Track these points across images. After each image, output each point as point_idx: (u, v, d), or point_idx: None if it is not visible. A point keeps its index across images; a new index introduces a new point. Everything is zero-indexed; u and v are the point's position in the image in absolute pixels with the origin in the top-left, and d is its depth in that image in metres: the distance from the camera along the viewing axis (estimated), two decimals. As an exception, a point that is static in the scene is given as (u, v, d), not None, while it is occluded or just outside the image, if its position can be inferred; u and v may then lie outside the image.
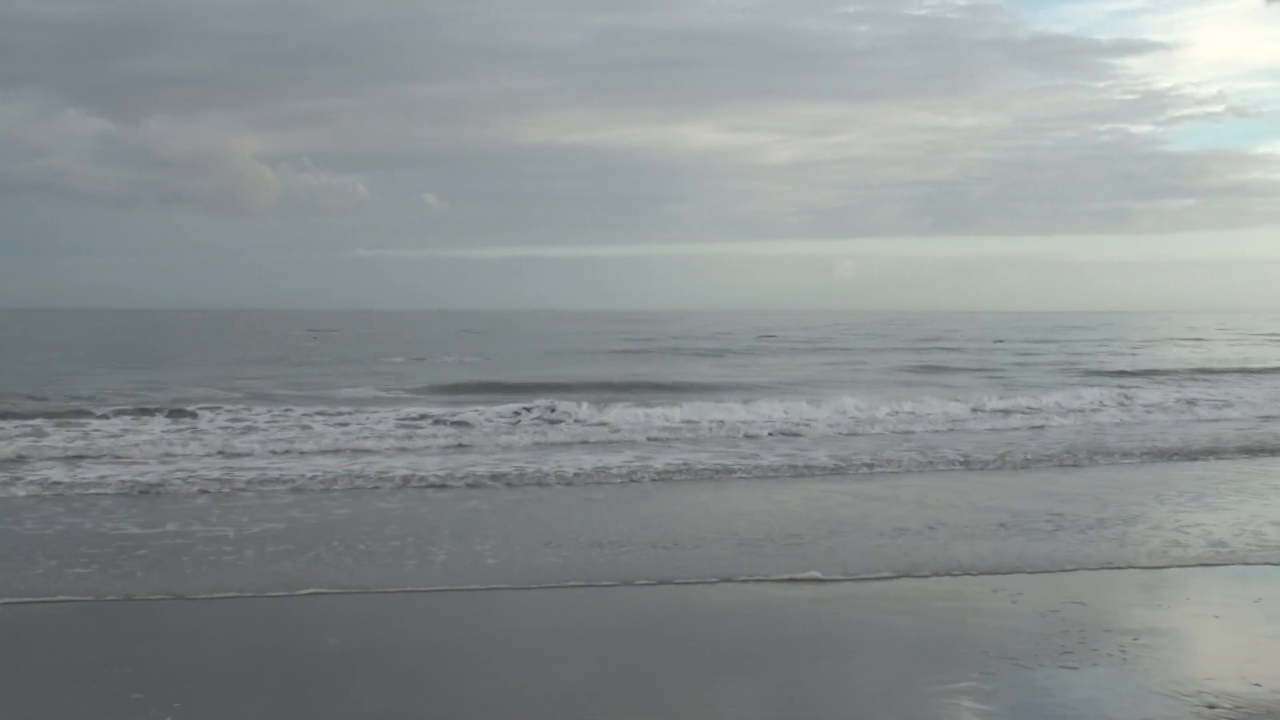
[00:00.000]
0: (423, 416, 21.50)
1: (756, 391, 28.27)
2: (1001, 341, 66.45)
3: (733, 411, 22.27)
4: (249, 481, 14.84)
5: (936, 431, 21.05)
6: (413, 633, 8.32)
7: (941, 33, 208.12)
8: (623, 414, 21.64)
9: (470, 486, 14.80)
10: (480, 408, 22.39)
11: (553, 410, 22.11)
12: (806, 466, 16.72)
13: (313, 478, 15.11)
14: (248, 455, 17.33)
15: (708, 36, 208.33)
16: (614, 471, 15.88)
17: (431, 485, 14.82)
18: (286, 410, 21.94)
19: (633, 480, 15.45)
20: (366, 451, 17.87)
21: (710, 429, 20.75)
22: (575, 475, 15.57)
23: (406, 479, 15.13)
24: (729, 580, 9.73)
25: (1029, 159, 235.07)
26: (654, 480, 15.57)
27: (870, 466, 16.72)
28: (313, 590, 9.36)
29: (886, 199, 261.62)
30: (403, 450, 18.00)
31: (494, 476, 15.41)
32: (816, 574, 9.72)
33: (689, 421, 21.20)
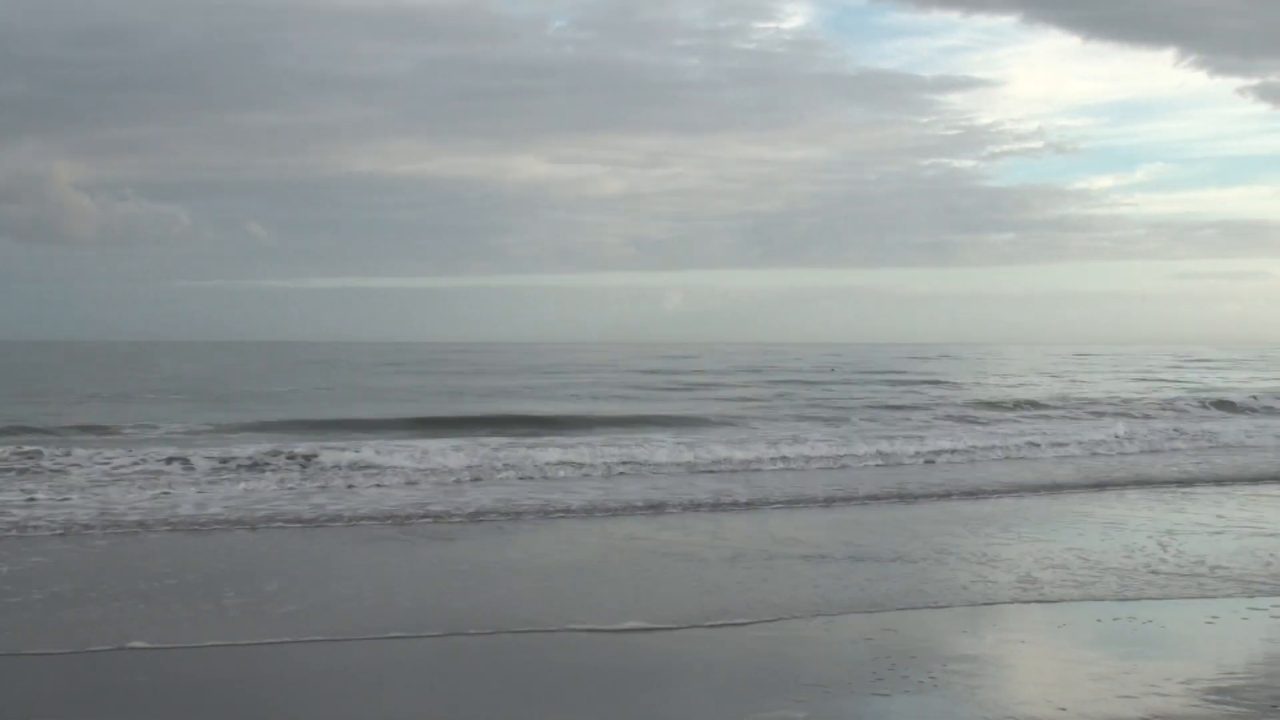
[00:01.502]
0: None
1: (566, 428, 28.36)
2: (834, 369, 68.06)
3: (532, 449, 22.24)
4: None
5: (734, 471, 21.33)
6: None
7: (770, 67, 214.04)
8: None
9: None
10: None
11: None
12: (603, 507, 16.74)
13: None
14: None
15: (537, 68, 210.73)
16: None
17: None
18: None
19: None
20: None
21: (486, 469, 20.42)
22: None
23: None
24: (539, 630, 9.71)
25: (854, 192, 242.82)
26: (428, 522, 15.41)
27: (660, 506, 16.70)
28: None
29: (715, 231, 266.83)
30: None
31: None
32: (636, 623, 9.66)
33: (473, 466, 20.49)
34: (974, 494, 18.15)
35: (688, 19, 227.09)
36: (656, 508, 16.28)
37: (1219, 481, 19.86)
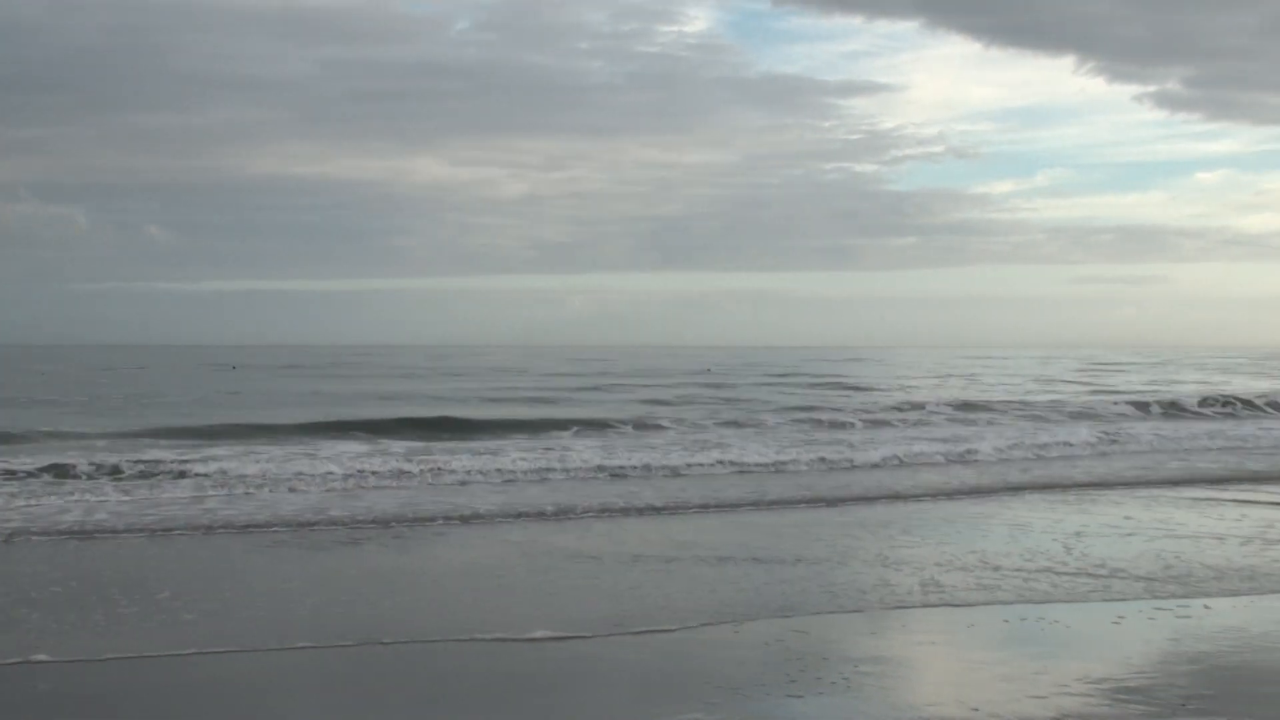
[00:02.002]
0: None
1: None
2: (710, 369, 68.32)
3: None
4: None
5: (644, 477, 21.33)
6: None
7: (672, 70, 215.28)
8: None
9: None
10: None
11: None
12: (510, 512, 16.68)
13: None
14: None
15: (437, 70, 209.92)
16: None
17: None
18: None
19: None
20: None
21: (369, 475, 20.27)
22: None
23: None
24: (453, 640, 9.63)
25: (756, 196, 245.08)
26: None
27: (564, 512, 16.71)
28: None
29: (616, 234, 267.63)
30: None
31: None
32: (546, 631, 9.60)
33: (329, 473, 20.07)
34: (878, 498, 18.30)
35: (590, 22, 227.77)
36: (565, 512, 16.24)
37: (1128, 484, 20.16)
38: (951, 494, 18.77)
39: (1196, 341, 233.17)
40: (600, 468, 21.13)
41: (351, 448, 23.07)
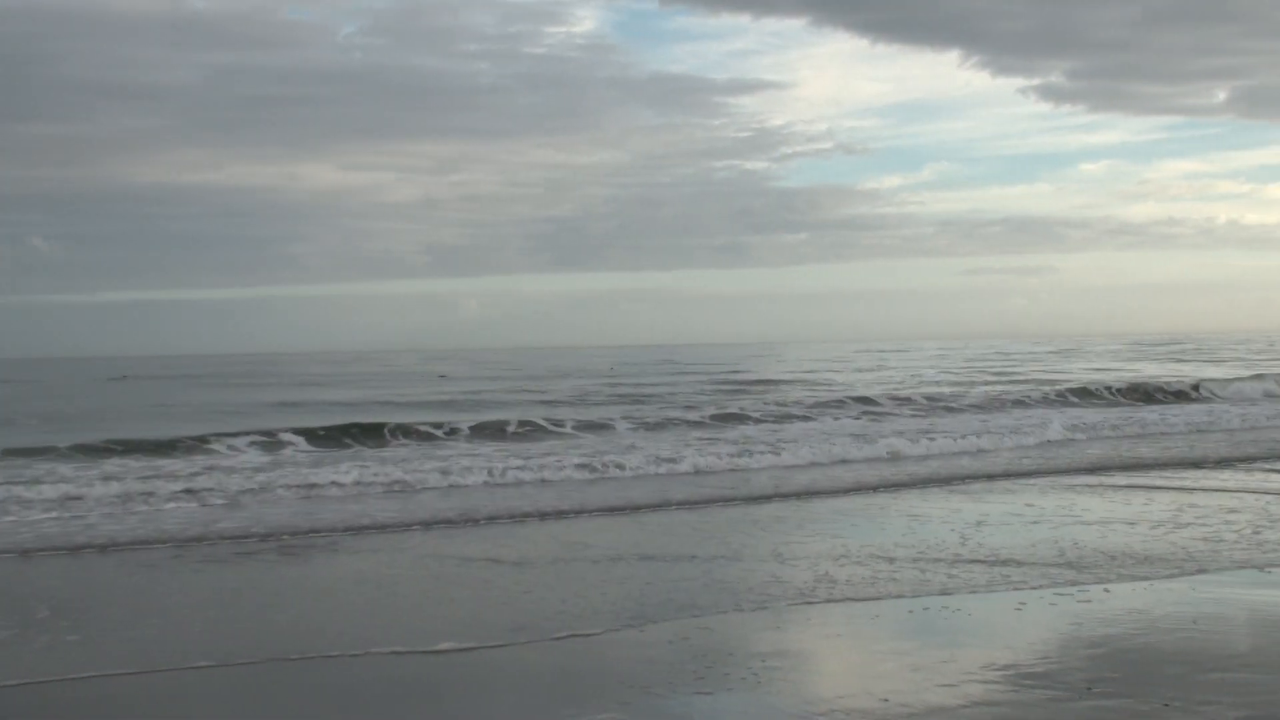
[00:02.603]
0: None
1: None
2: (613, 369, 68.61)
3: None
4: None
5: (546, 481, 21.31)
6: None
7: (561, 71, 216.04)
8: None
9: None
10: None
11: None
12: (411, 521, 16.56)
13: None
14: None
15: (325, 75, 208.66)
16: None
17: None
18: None
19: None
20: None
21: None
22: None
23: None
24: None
25: (648, 196, 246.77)
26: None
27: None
28: None
29: (510, 236, 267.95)
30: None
31: None
32: (450, 643, 9.54)
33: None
34: (773, 495, 18.43)
35: (477, 24, 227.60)
36: (464, 519, 16.15)
37: (1031, 474, 20.48)
38: (849, 489, 18.92)
39: (1086, 330, 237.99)
40: (499, 470, 21.05)
41: (247, 458, 22.79)
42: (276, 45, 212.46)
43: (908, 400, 37.19)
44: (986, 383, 50.62)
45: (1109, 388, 41.67)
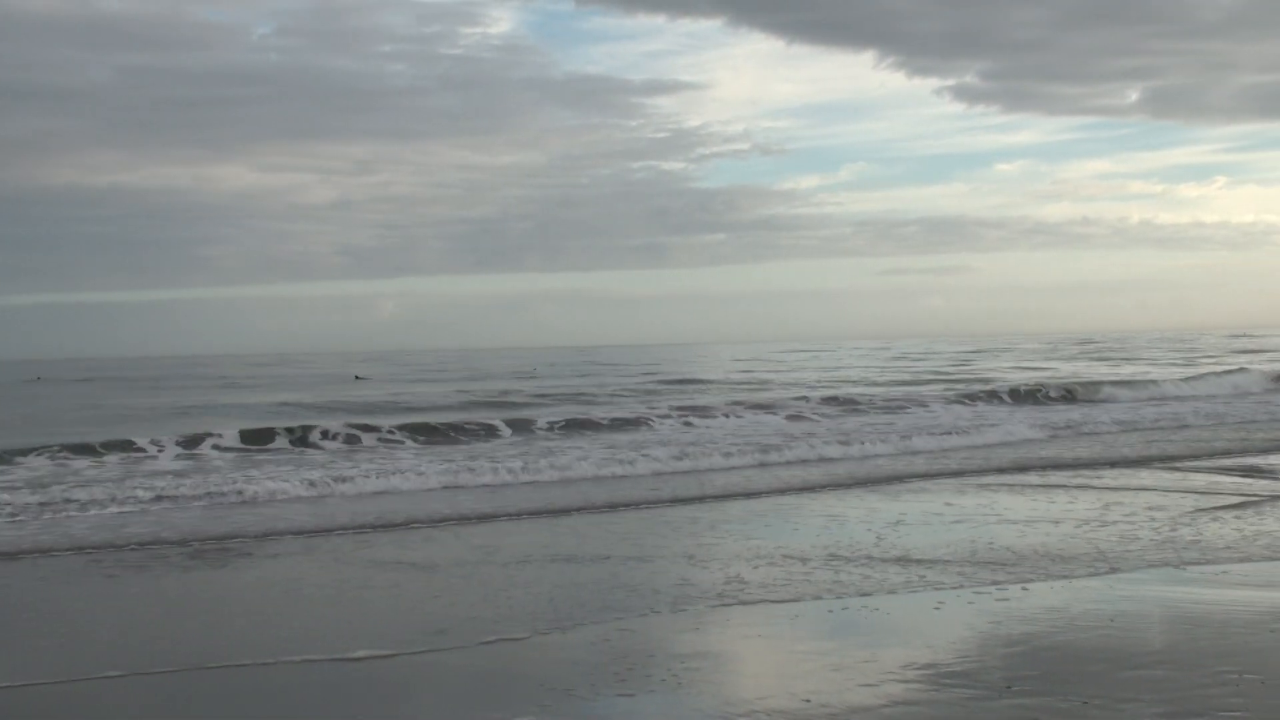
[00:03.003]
0: None
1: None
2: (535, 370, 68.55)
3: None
4: None
5: (482, 487, 21.22)
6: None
7: (477, 72, 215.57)
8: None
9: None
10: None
11: None
12: (329, 527, 16.41)
13: None
14: None
15: (241, 76, 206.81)
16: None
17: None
18: None
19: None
20: None
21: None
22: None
23: None
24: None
25: (567, 196, 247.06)
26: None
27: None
28: None
29: (428, 237, 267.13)
30: None
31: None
32: (367, 651, 9.46)
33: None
34: (690, 498, 18.45)
35: (393, 25, 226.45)
36: (380, 524, 15.98)
37: (950, 474, 20.58)
38: (765, 491, 18.97)
39: (1001, 329, 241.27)
40: (417, 473, 20.94)
41: (161, 463, 22.52)
42: (190, 46, 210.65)
43: (831, 400, 37.33)
44: (905, 382, 51.09)
45: (1039, 385, 42.10)
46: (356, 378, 71.71)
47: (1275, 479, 18.50)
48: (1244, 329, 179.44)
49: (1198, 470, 20.01)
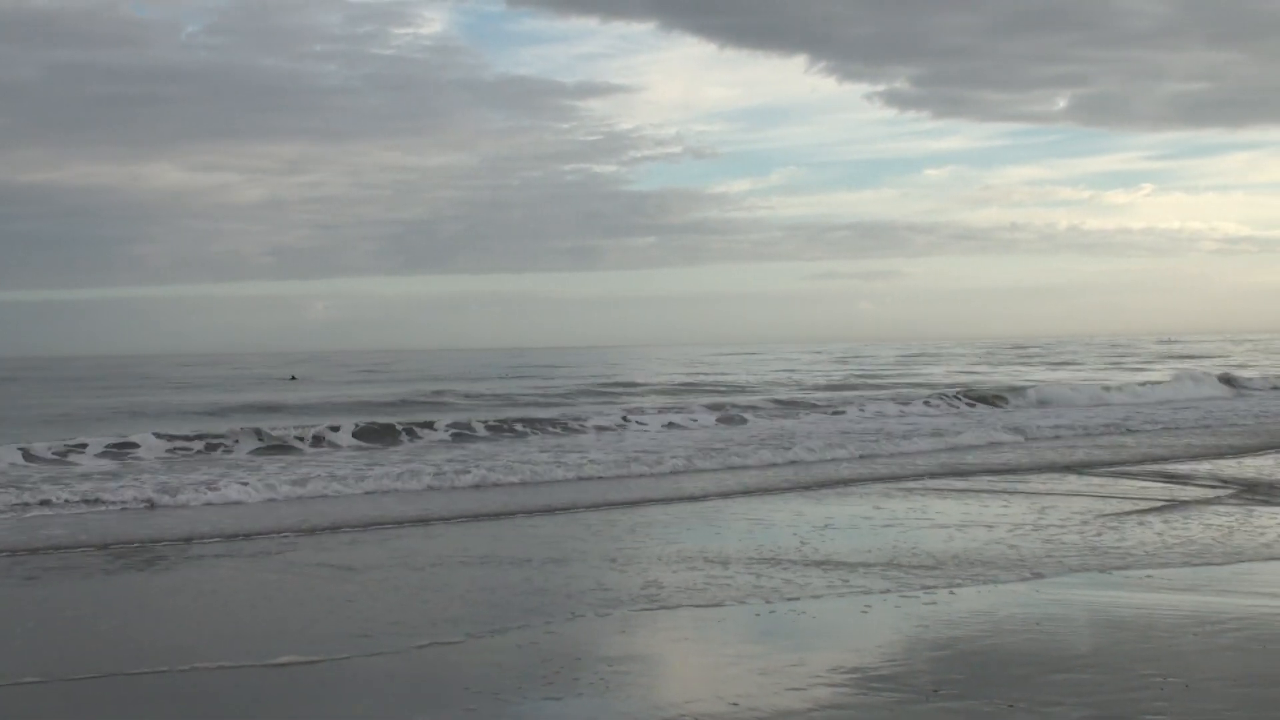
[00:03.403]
0: None
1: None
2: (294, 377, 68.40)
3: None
4: None
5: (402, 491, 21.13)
6: None
7: (408, 73, 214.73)
8: None
9: None
10: None
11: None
12: (250, 531, 16.30)
13: None
14: None
15: (171, 74, 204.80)
16: None
17: None
18: None
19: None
20: None
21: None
22: None
23: None
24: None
25: (498, 198, 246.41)
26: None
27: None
28: None
29: (358, 238, 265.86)
30: None
31: None
32: (291, 656, 9.35)
33: None
34: (617, 503, 18.47)
35: (324, 25, 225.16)
36: (311, 529, 15.80)
37: (886, 478, 20.67)
38: (692, 496, 18.93)
39: (931, 333, 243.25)
40: (344, 477, 20.83)
41: (85, 467, 22.22)
42: (120, 43, 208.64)
43: (754, 407, 37.38)
44: (838, 386, 51.44)
45: (971, 390, 42.40)
46: (292, 378, 71.31)
47: (1200, 485, 18.77)
48: (1169, 334, 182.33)
49: (1126, 475, 20.28)
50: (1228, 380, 46.69)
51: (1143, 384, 46.09)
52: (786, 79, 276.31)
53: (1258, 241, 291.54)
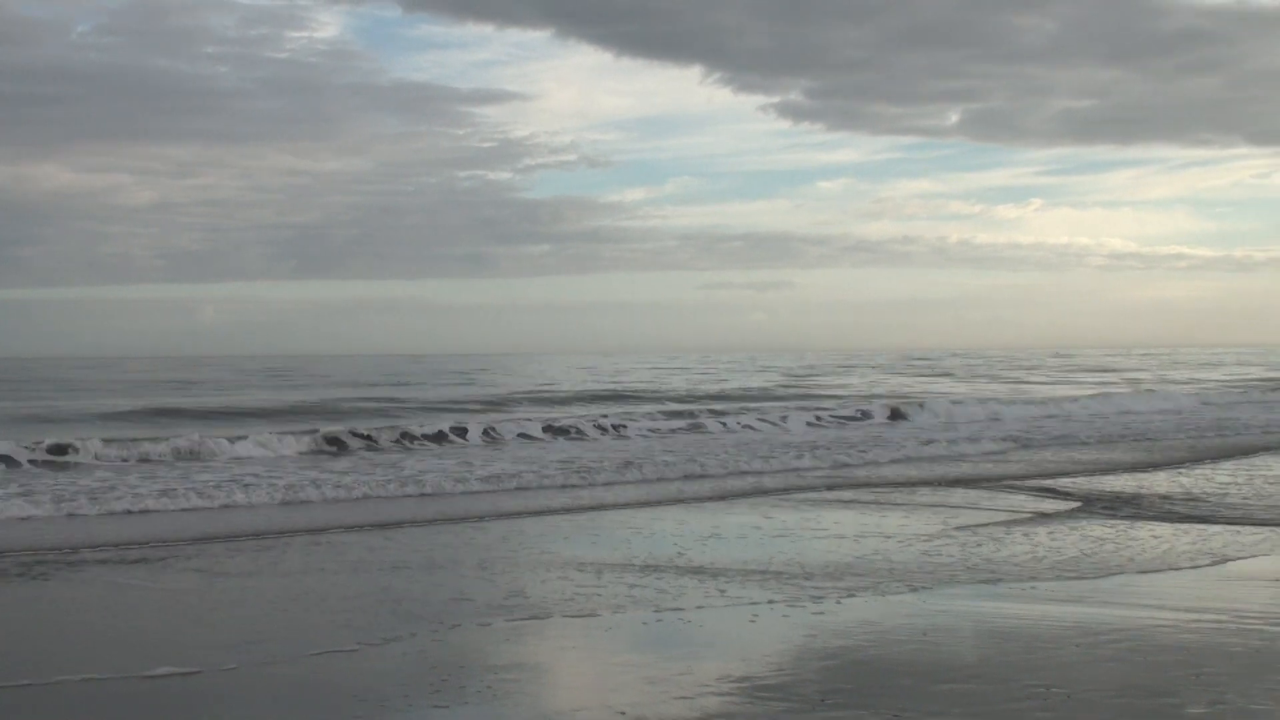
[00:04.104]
0: None
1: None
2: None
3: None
4: None
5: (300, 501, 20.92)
6: None
7: (303, 77, 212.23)
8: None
9: None
10: None
11: None
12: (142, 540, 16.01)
13: None
14: None
15: (59, 74, 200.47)
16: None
17: None
18: None
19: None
20: None
21: None
22: None
23: None
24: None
25: (392, 204, 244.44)
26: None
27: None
28: None
29: (249, 242, 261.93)
30: None
31: None
32: (169, 668, 9.20)
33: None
34: (512, 514, 18.53)
35: (217, 27, 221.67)
36: (183, 539, 15.61)
37: (777, 490, 20.87)
38: (574, 508, 18.97)
39: (823, 345, 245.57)
40: (211, 488, 20.56)
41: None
42: (6, 41, 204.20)
43: (640, 417, 37.42)
44: (735, 396, 51.73)
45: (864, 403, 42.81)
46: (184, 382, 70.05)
47: (1082, 499, 19.14)
48: (1057, 348, 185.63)
49: (1013, 489, 20.62)
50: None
51: (1043, 400, 46.92)
52: (682, 89, 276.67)
53: (1143, 258, 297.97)
